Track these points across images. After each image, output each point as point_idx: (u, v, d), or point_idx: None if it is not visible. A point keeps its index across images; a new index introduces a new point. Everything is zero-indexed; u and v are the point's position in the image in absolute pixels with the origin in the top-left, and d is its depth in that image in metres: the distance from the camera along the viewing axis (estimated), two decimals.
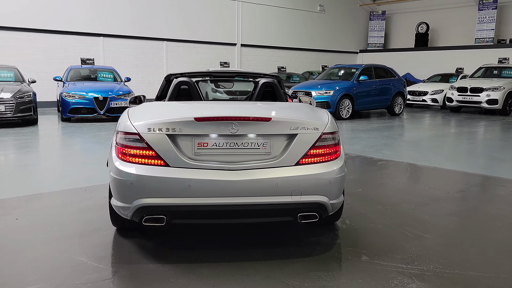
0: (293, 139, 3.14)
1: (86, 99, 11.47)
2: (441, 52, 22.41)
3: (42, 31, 15.39)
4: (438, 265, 3.14)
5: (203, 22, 18.84)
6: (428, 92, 17.35)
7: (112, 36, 16.82)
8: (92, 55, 15.68)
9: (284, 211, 3.17)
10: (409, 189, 5.43)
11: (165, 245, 3.48)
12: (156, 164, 3.04)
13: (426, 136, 10.03)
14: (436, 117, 14.46)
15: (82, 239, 3.57)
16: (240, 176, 3.03)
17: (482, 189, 5.51)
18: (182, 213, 3.09)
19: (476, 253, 3.37)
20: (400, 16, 25.18)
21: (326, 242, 3.58)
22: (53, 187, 5.21)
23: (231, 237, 3.63)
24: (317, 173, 3.14)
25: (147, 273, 2.99)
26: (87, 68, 13.38)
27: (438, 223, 4.06)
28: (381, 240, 3.62)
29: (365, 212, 4.34)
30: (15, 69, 12.03)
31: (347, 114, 12.98)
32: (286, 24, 21.69)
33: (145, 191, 3.00)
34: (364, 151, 7.85)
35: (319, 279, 2.91)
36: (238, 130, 3.06)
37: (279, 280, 2.89)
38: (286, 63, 21.10)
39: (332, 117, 3.50)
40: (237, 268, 3.06)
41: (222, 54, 19.42)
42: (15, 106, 10.21)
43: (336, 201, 3.28)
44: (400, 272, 3.03)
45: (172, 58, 18.19)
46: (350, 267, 3.14)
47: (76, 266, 3.08)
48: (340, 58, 24.04)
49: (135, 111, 3.42)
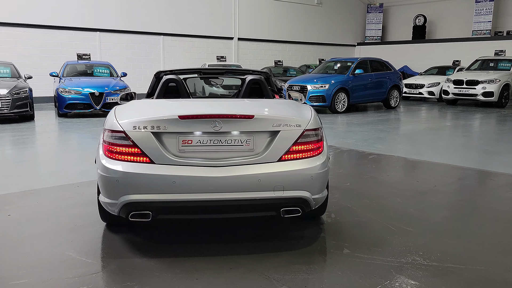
0: (276, 135, 3.21)
1: (82, 94, 11.53)
2: (438, 44, 22.41)
3: (39, 27, 15.42)
4: (417, 258, 3.23)
5: (200, 16, 18.85)
6: (425, 85, 17.37)
7: (108, 31, 16.85)
8: (89, 50, 15.73)
9: (267, 206, 3.25)
10: (397, 182, 5.50)
11: (153, 240, 3.56)
12: (142, 161, 3.12)
13: (420, 129, 10.09)
14: (432, 110, 14.51)
15: (72, 234, 3.66)
16: (223, 172, 3.11)
17: (470, 183, 5.56)
18: (167, 209, 3.17)
19: (455, 246, 3.45)
20: (398, 9, 25.15)
21: (310, 235, 3.67)
22: (46, 183, 5.29)
23: (217, 232, 3.71)
24: (299, 169, 3.22)
25: (134, 267, 3.07)
26: (84, 64, 13.42)
27: (422, 217, 4.14)
28: (364, 234, 3.70)
29: (351, 206, 4.42)
30: (11, 65, 12.09)
31: (343, 107, 13.04)
32: (283, 18, 21.68)
33: (131, 187, 3.08)
34: (357, 144, 7.92)
35: (300, 272, 3.00)
36: (221, 128, 3.13)
37: (261, 273, 2.98)
38: (283, 57, 21.12)
39: (315, 114, 3.57)
40: (221, 261, 3.15)
41: (219, 48, 19.44)
42: (11, 102, 10.28)
43: (318, 196, 3.36)
44: (379, 265, 3.11)
45: (168, 53, 18.22)
46: (331, 260, 3.22)
47: (64, 261, 3.16)
48: (338, 51, 24.05)
49: (121, 109, 3.50)
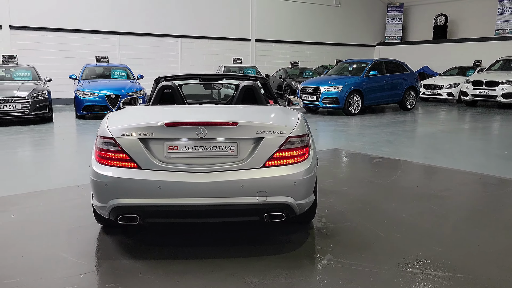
0: (260, 142, 3.28)
1: (99, 96, 11.82)
2: (459, 44, 21.98)
3: (61, 30, 15.88)
4: (399, 264, 3.25)
5: (218, 18, 19.03)
6: (444, 86, 17.11)
7: (128, 34, 17.20)
8: (108, 53, 16.05)
9: (250, 211, 3.33)
10: (396, 187, 5.47)
11: (144, 242, 3.69)
12: (129, 166, 3.25)
13: (432, 132, 9.97)
14: (449, 112, 14.30)
15: (68, 235, 3.82)
16: (207, 178, 3.21)
17: (470, 188, 5.47)
18: (153, 212, 3.29)
19: (440, 253, 3.45)
20: (418, 8, 24.78)
21: (296, 240, 3.73)
22: (52, 184, 5.49)
23: (206, 235, 3.81)
24: (282, 175, 3.28)
25: (120, 268, 3.20)
26: (101, 66, 13.76)
27: (413, 222, 4.15)
28: (351, 239, 3.74)
29: (344, 210, 4.45)
30: (32, 68, 12.50)
31: (356, 109, 12.98)
32: (301, 18, 21.67)
33: (119, 192, 3.22)
34: (363, 148, 7.90)
35: (279, 277, 3.07)
36: (206, 135, 3.23)
37: (241, 277, 3.06)
38: (301, 58, 21.10)
39: (302, 120, 3.63)
40: (204, 265, 3.24)
41: (236, 49, 19.58)
42: (30, 104, 10.65)
43: (303, 202, 3.42)
44: (359, 271, 3.16)
45: (186, 55, 18.46)
46: (312, 265, 3.28)
47: (57, 262, 3.32)
48: (357, 51, 23.87)
49: (113, 116, 3.64)
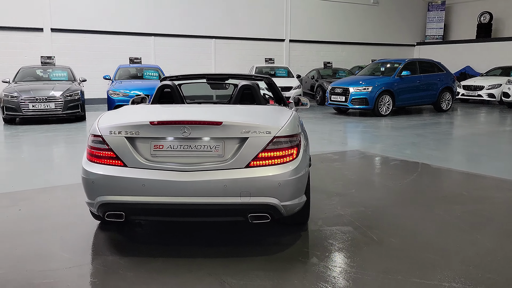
0: (244, 142, 3.25)
1: (129, 96, 12.12)
2: (504, 43, 20.95)
3: (97, 32, 16.45)
4: (384, 270, 3.13)
5: (252, 19, 19.09)
6: (484, 87, 16.39)
7: (163, 35, 17.58)
8: (143, 54, 16.43)
9: (233, 211, 3.31)
10: (406, 191, 5.26)
11: (135, 240, 3.75)
12: (115, 164, 3.30)
13: (462, 135, 9.57)
14: (488, 114, 13.67)
15: (64, 231, 3.94)
16: (191, 177, 3.21)
17: (485, 194, 5.11)
18: (137, 210, 3.33)
19: (426, 260, 3.29)
20: (461, 6, 23.86)
21: (285, 242, 3.66)
22: (63, 181, 5.66)
23: (196, 235, 3.82)
24: (266, 176, 3.23)
25: (104, 264, 3.26)
26: (134, 67, 14.12)
27: (413, 228, 3.97)
28: (342, 243, 3.64)
29: (344, 213, 4.34)
30: (69, 69, 13.00)
31: (387, 110, 12.64)
32: (337, 18, 21.37)
33: (105, 189, 3.28)
34: (385, 150, 7.68)
35: (257, 278, 3.02)
36: (190, 134, 3.23)
37: (218, 277, 3.04)
38: (336, 58, 20.81)
39: (293, 120, 3.56)
40: (184, 264, 3.25)
41: (270, 50, 19.57)
42: (63, 104, 11.08)
43: (290, 203, 3.35)
44: (340, 276, 3.07)
45: (219, 56, 18.63)
46: (294, 268, 3.21)
47: (47, 256, 3.42)
48: (395, 51, 23.27)
49: (106, 115, 3.70)
